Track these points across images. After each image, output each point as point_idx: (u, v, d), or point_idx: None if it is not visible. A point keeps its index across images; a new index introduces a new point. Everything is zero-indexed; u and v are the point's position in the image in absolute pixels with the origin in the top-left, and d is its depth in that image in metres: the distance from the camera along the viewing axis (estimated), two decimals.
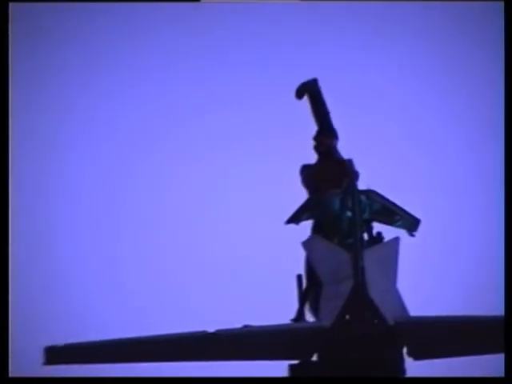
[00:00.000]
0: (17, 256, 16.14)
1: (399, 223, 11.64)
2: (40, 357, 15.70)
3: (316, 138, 11.34)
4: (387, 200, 11.53)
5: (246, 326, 10.79)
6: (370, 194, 11.46)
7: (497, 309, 11.79)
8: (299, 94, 11.56)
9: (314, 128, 13.54)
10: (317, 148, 11.33)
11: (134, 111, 30.47)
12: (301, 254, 12.03)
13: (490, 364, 13.01)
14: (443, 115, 19.80)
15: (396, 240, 11.28)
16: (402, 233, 11.75)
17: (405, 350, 10.99)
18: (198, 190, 30.22)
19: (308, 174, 11.34)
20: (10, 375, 12.67)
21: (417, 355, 10.98)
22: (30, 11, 22.15)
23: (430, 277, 13.01)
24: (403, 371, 11.07)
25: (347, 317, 10.99)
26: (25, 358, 15.74)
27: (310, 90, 11.50)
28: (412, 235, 11.44)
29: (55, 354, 11.19)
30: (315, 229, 11.42)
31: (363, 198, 11.42)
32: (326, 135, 11.27)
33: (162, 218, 31.76)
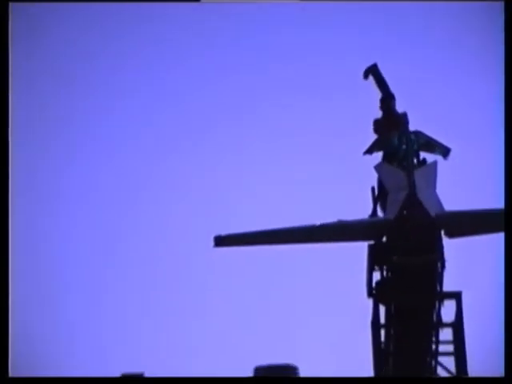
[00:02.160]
0: (17, 259, 15.85)
1: (437, 152, 15.80)
2: (38, 359, 18.20)
3: (381, 101, 15.68)
4: (428, 136, 15.86)
5: (340, 220, 15.17)
6: (417, 133, 15.87)
7: None
8: (365, 74, 15.89)
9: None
10: (381, 107, 15.71)
11: (134, 109, 32.22)
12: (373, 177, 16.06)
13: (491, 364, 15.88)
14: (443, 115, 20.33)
15: (435, 163, 15.50)
16: (439, 158, 15.73)
17: (442, 232, 15.00)
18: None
19: (377, 123, 15.71)
20: (10, 375, 12.98)
21: (450, 235, 15.15)
22: (29, 11, 21.97)
23: (457, 184, 16.50)
24: (441, 249, 15.04)
25: (404, 212, 14.82)
26: (25, 358, 16.89)
27: (372, 71, 15.80)
28: (446, 159, 15.74)
29: (220, 240, 15.42)
30: (383, 157, 15.68)
31: (412, 136, 15.80)
32: (387, 99, 15.64)
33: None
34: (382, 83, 15.94)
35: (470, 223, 15.53)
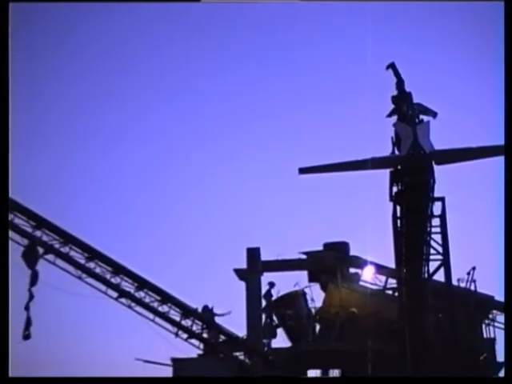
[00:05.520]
0: (16, 259, 14.49)
1: (430, 115, 20.64)
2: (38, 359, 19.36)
3: (396, 84, 20.79)
4: (424, 106, 20.79)
5: (373, 157, 20.14)
6: (418, 103, 20.76)
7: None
8: (387, 67, 20.75)
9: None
10: (396, 88, 20.78)
11: (132, 108, 32.02)
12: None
13: None
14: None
15: (428, 121, 20.33)
16: (431, 118, 20.46)
17: (433, 162, 19.85)
18: None
19: (393, 97, 20.82)
20: (10, 375, 12.19)
21: (438, 163, 19.98)
22: (29, 11, 19.75)
23: (443, 134, 21.04)
24: (432, 172, 20.02)
25: (411, 151, 19.52)
26: (25, 358, 16.79)
27: (392, 66, 20.83)
28: (434, 119, 20.58)
29: (303, 170, 20.24)
30: (398, 118, 20.65)
31: (415, 105, 20.67)
32: (400, 84, 20.82)
33: None
34: (397, 73, 21.23)
35: (449, 156, 20.48)
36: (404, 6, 28.20)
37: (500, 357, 23.11)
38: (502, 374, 21.62)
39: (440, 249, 21.70)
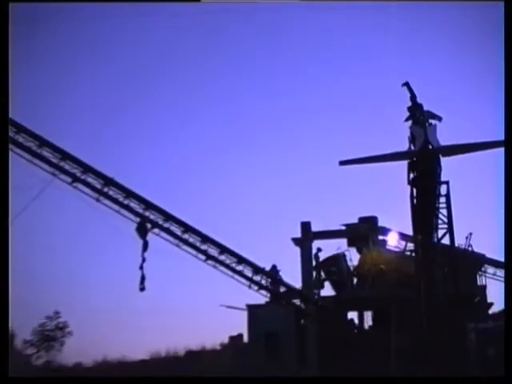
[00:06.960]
0: (16, 261, 13.99)
1: (436, 119, 26.54)
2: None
3: (410, 98, 26.35)
4: (432, 112, 26.61)
5: (395, 151, 26.40)
6: (427, 111, 26.57)
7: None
8: (403, 85, 26.16)
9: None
10: (410, 100, 26.45)
11: (132, 111, 33.08)
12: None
13: None
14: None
15: (436, 124, 26.52)
16: (437, 122, 26.45)
17: (440, 154, 25.82)
18: None
19: (409, 108, 26.46)
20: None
21: (444, 155, 25.85)
22: (29, 11, 18.55)
23: (447, 133, 26.61)
24: (439, 161, 26.00)
25: (423, 147, 25.62)
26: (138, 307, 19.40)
27: (406, 84, 26.27)
28: (440, 122, 26.53)
29: (343, 162, 26.25)
30: (412, 122, 26.43)
31: (425, 112, 26.52)
32: (413, 97, 26.44)
33: None
34: (410, 90, 26.79)
35: (452, 150, 26.27)
36: (402, 5, 30.65)
37: (489, 299, 28.18)
38: (491, 311, 26.88)
39: (446, 220, 27.14)
